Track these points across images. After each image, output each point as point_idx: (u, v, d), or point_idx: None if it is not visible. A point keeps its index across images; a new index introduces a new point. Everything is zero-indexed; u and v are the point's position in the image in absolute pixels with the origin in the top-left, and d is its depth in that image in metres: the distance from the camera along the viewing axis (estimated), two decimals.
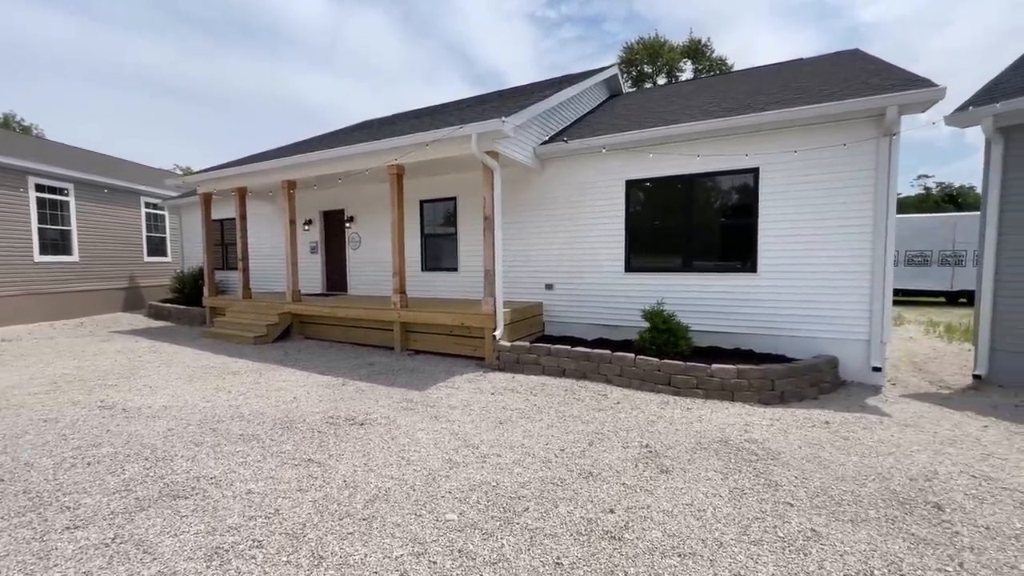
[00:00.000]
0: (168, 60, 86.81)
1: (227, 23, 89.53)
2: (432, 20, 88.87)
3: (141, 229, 14.60)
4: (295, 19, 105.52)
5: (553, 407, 4.94)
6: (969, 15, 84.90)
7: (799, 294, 6.36)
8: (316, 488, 3.13)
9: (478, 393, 5.45)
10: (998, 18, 71.06)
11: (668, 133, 6.81)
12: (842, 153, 5.98)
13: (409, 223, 9.71)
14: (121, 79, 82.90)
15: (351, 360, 7.26)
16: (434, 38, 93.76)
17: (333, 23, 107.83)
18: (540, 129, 7.91)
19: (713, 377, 5.41)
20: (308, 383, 5.90)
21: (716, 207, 7.04)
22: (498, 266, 6.76)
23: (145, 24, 77.92)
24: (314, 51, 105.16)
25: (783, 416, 4.71)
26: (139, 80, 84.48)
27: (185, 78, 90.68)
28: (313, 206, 11.41)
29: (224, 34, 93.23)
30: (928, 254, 17.00)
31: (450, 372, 6.48)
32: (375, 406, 4.94)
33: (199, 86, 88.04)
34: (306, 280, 11.68)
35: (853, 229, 5.98)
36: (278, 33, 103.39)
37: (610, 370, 5.93)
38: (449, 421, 4.49)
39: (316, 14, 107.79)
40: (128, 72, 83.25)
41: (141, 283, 14.45)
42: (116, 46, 77.27)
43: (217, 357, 7.41)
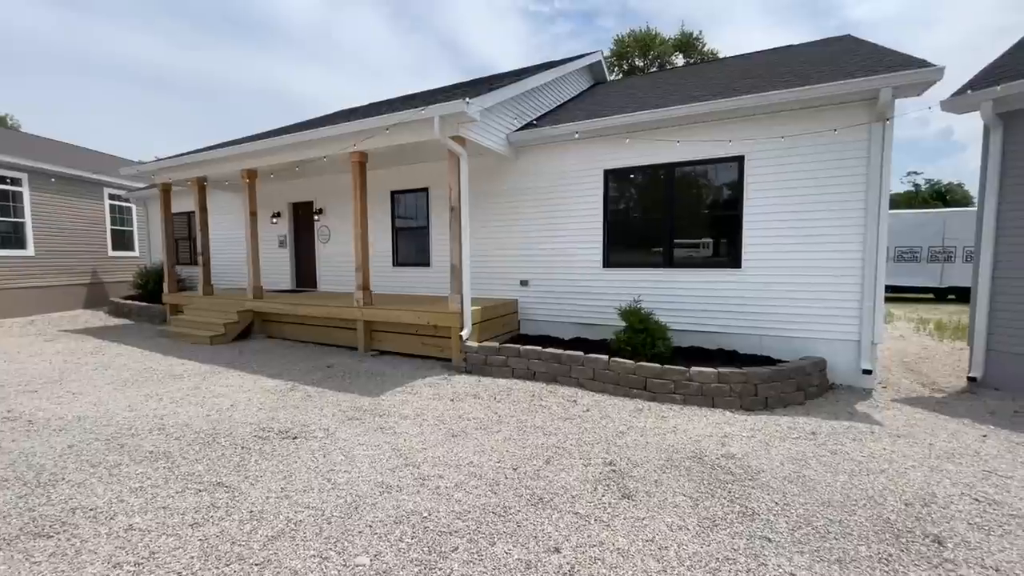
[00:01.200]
0: (156, 53, 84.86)
1: (217, 16, 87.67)
2: (425, 15, 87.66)
3: (105, 222, 13.89)
4: (286, 13, 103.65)
5: (516, 416, 4.49)
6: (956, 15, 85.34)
7: (785, 291, 5.95)
8: (214, 521, 2.64)
9: (436, 400, 4.98)
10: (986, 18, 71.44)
11: (646, 119, 6.35)
12: (832, 140, 5.56)
13: (379, 215, 9.20)
14: (107, 73, 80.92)
15: (309, 361, 6.76)
16: (426, 33, 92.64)
17: (324, 17, 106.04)
18: (514, 115, 7.42)
19: (691, 381, 4.99)
20: (254, 388, 5.40)
21: (699, 198, 6.61)
22: (465, 261, 6.27)
23: (132, 16, 75.99)
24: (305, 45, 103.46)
25: (766, 425, 4.30)
26: (126, 74, 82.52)
27: (173, 72, 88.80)
28: (282, 198, 10.83)
29: (213, 27, 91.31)
30: (917, 250, 16.79)
31: (412, 375, 6.01)
32: (318, 416, 4.45)
33: (188, 80, 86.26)
34: (275, 276, 11.13)
35: (843, 222, 5.57)
36: (269, 27, 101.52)
37: (582, 373, 5.49)
38: (396, 434, 4.02)
39: (307, 7, 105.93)
40: (114, 65, 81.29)
41: (105, 279, 13.77)
42: (102, 38, 75.36)
43: (165, 359, 6.87)
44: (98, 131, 78.90)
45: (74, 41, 72.96)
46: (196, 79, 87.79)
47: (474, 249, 8.12)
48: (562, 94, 9.32)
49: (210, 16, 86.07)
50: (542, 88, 8.19)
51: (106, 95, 75.12)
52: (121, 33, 76.15)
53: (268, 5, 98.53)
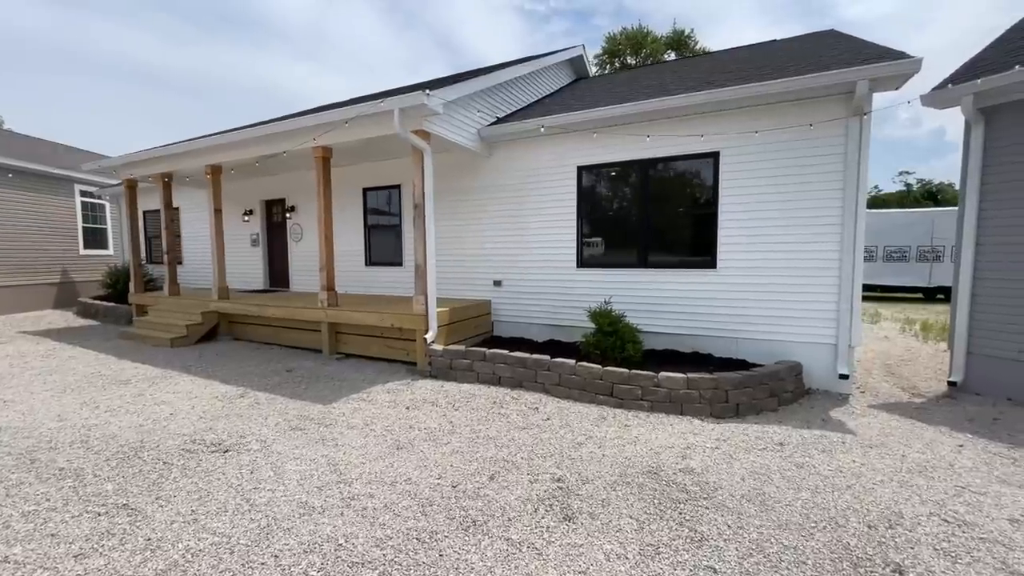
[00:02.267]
0: (152, 51, 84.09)
1: (211, 14, 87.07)
2: (418, 11, 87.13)
3: (76, 219, 13.50)
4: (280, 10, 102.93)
5: (471, 425, 4.24)
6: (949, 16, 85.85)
7: (761, 292, 5.73)
8: (103, 552, 2.38)
9: (391, 407, 4.72)
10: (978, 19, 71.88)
11: (617, 113, 6.11)
12: (808, 135, 5.34)
13: (351, 213, 8.92)
14: (101, 70, 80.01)
15: (270, 365, 6.48)
16: (421, 30, 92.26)
17: (318, 13, 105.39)
18: (488, 110, 7.16)
19: (659, 387, 4.76)
20: (202, 395, 5.12)
21: (674, 196, 6.37)
22: (430, 261, 6.01)
23: (126, 13, 75.25)
24: (299, 42, 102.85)
25: (733, 435, 4.07)
26: (121, 72, 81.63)
27: (169, 70, 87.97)
28: (254, 195, 10.52)
29: (208, 25, 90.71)
30: (907, 250, 16.69)
31: (373, 380, 5.74)
32: (259, 426, 4.18)
33: (183, 78, 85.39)
34: (248, 275, 10.83)
35: (819, 220, 5.36)
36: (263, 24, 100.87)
37: (548, 378, 5.25)
38: (337, 446, 3.76)
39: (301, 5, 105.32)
40: (108, 63, 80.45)
41: (76, 278, 13.39)
42: (94, 35, 74.53)
43: (119, 363, 6.57)
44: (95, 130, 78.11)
45: (67, 38, 72.04)
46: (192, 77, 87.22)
47: (447, 248, 7.88)
48: (540, 89, 9.08)
49: (204, 13, 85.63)
50: (516, 82, 7.93)
51: (101, 93, 74.30)
52: (116, 30, 75.37)
53: (262, 2, 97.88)
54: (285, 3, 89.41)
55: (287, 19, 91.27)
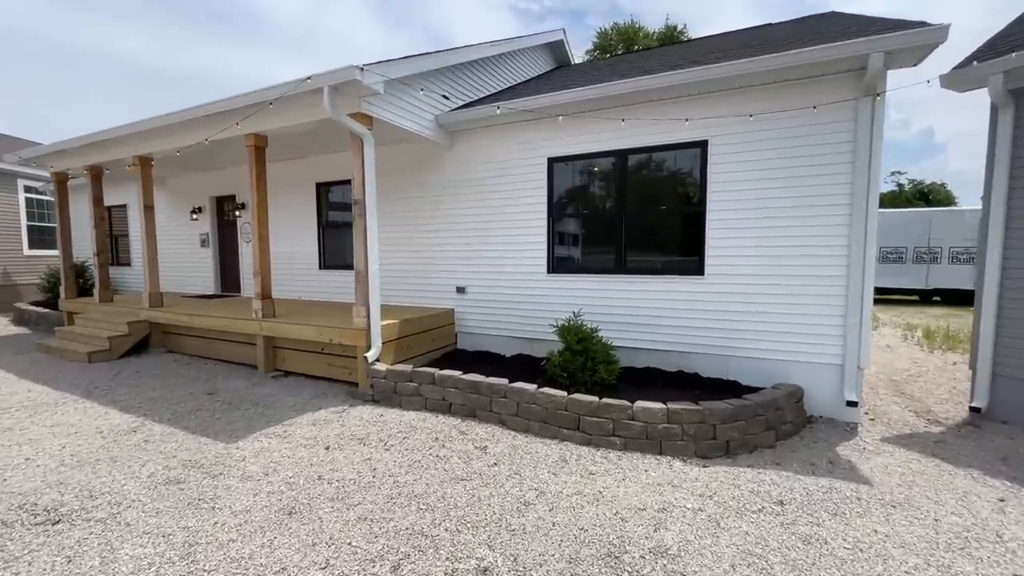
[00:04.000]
0: (145, 47, 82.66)
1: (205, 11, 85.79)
2: (414, 10, 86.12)
3: (19, 217, 12.49)
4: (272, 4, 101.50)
5: (396, 476, 3.40)
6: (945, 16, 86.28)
7: (755, 303, 4.94)
8: None
9: (308, 447, 3.87)
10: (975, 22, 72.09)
11: (589, 96, 5.29)
12: (811, 119, 4.55)
13: (303, 211, 8.05)
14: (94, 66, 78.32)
15: (193, 386, 5.60)
16: (415, 28, 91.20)
17: (311, 11, 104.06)
18: (449, 94, 6.30)
19: (634, 421, 3.94)
20: (86, 429, 4.24)
21: (656, 192, 5.57)
22: (372, 265, 5.16)
23: (120, 10, 73.85)
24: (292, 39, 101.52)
25: (721, 487, 3.26)
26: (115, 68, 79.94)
27: (162, 65, 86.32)
28: (204, 191, 9.60)
29: (201, 22, 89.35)
30: (903, 251, 16.08)
31: (305, 406, 4.89)
32: (126, 478, 3.32)
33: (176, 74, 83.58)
34: (197, 279, 9.93)
35: (824, 219, 4.58)
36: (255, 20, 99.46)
37: (504, 407, 4.42)
38: (213, 510, 2.91)
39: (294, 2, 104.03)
40: (102, 59, 78.82)
41: (18, 280, 12.39)
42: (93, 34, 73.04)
43: (16, 383, 5.66)
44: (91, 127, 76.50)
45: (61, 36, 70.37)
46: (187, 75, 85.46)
47: (405, 251, 7.05)
48: (515, 75, 8.25)
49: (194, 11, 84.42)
50: (484, 65, 7.09)
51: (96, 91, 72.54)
52: (110, 28, 74.06)
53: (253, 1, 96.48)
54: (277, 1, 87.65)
55: (279, 17, 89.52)
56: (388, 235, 7.15)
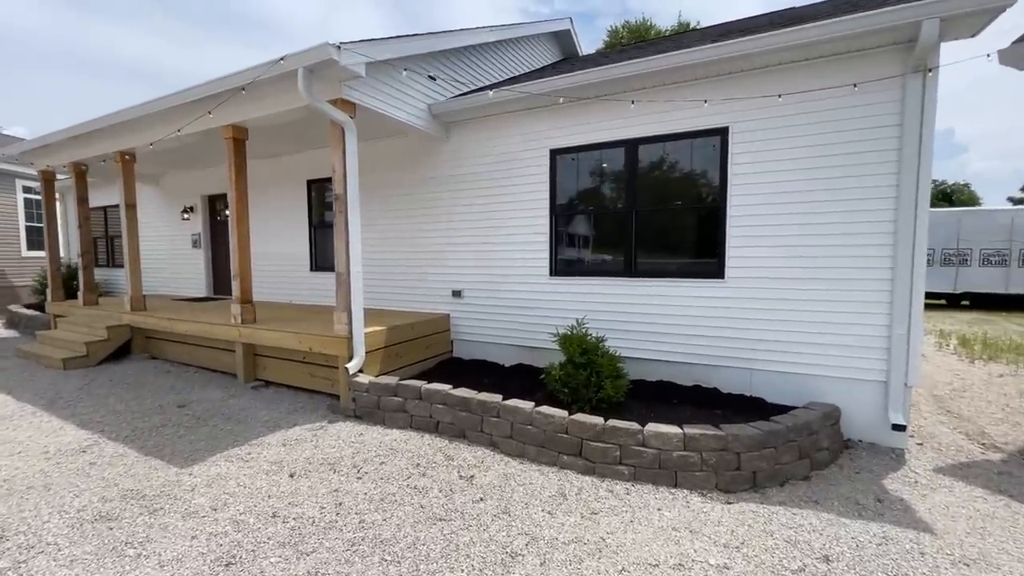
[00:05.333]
0: (157, 52, 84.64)
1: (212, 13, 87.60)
2: (423, 13, 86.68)
3: (17, 217, 12.34)
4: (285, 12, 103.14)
5: (364, 513, 2.90)
6: None
7: (782, 310, 4.36)
8: None
9: (271, 473, 3.39)
10: None
11: (592, 80, 4.77)
12: (851, 100, 3.97)
13: (293, 210, 7.65)
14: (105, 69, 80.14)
15: (165, 396, 5.18)
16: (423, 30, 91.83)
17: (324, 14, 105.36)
18: (445, 82, 5.83)
19: (646, 448, 3.40)
20: (31, 448, 3.81)
21: (670, 186, 5.02)
22: (354, 267, 4.68)
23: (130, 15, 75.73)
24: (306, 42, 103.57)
25: (750, 534, 2.71)
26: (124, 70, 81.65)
27: (172, 68, 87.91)
28: (196, 189, 9.25)
29: (211, 25, 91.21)
30: (930, 253, 15.28)
31: (277, 423, 4.42)
32: (51, 512, 2.86)
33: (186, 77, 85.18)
34: (189, 281, 9.58)
35: (865, 215, 3.99)
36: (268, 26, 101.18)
37: (497, 428, 3.90)
38: (137, 557, 2.43)
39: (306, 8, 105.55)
40: (112, 62, 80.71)
41: (16, 282, 12.21)
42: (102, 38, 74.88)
43: None
44: None
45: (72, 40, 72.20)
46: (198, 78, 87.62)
47: (396, 252, 6.59)
48: (518, 65, 7.76)
49: (206, 14, 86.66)
50: (483, 52, 6.61)
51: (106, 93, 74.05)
52: (120, 32, 76.28)
53: (267, 5, 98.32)
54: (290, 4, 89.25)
55: (294, 22, 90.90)
56: (379, 235, 6.70)
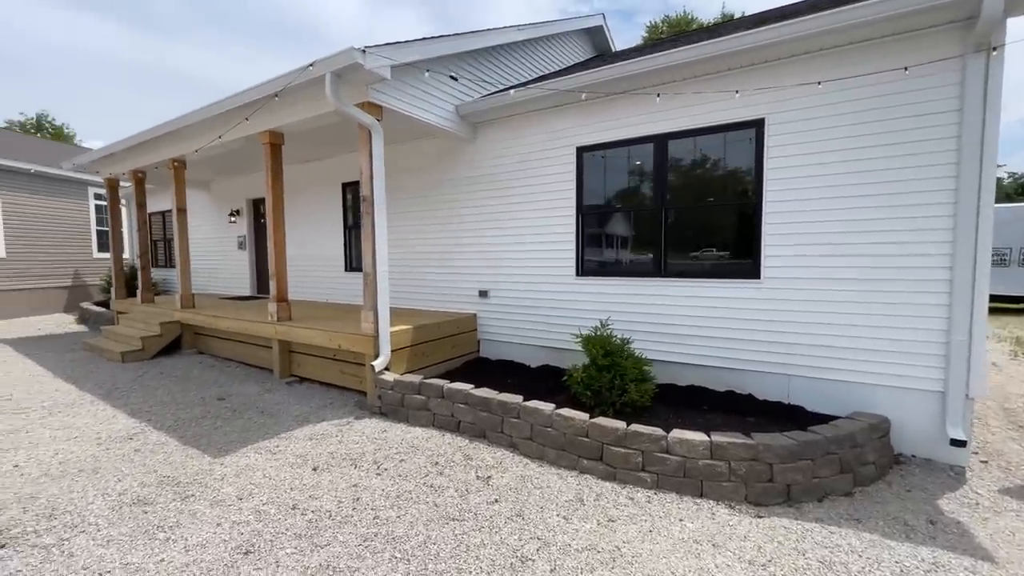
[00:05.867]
0: (210, 64, 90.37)
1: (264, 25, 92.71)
2: (461, 16, 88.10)
3: (89, 222, 13.43)
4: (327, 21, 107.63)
5: (379, 510, 2.93)
6: None
7: (824, 312, 4.07)
8: None
9: (296, 466, 3.50)
10: None
11: (615, 75, 4.64)
12: (902, 86, 3.66)
13: (329, 212, 7.91)
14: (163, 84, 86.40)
15: (207, 390, 5.47)
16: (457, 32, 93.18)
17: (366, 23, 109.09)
18: (473, 83, 5.86)
19: (670, 455, 3.25)
20: (87, 434, 4.12)
21: (701, 183, 4.81)
22: (381, 267, 4.77)
23: (186, 30, 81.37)
24: None
25: (780, 553, 2.52)
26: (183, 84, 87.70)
27: (227, 81, 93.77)
28: (242, 194, 9.76)
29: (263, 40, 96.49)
30: (1006, 253, 13.99)
31: (307, 417, 4.57)
32: (95, 495, 3.07)
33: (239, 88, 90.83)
34: (236, 280, 10.12)
35: (919, 209, 3.66)
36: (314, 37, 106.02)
37: (517, 429, 3.85)
38: (166, 543, 2.56)
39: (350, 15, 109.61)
40: (169, 76, 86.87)
41: (88, 281, 13.28)
42: (159, 52, 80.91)
43: (50, 382, 5.78)
44: None
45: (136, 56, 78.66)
46: None
47: (424, 252, 6.67)
48: (549, 63, 7.70)
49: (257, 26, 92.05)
50: (513, 51, 6.59)
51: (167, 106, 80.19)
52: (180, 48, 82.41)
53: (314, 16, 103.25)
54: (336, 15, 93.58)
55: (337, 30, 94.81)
56: (407, 235, 6.81)
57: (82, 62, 74.17)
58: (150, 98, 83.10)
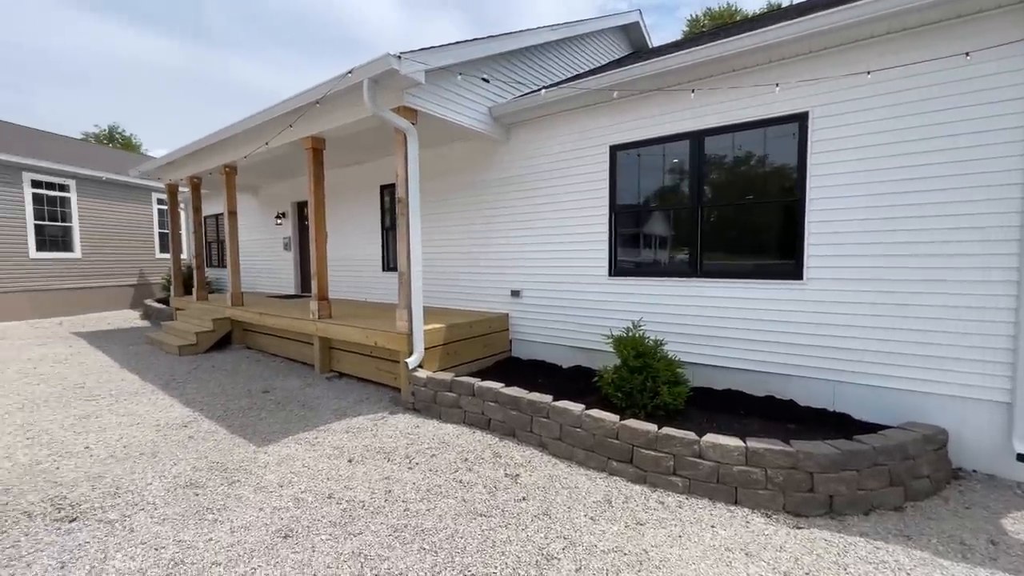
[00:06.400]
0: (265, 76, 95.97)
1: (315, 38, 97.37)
2: (500, 19, 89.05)
3: (152, 225, 14.47)
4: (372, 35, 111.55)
5: (409, 502, 3.01)
6: None
7: (874, 316, 3.85)
8: None
9: (333, 458, 3.65)
10: None
11: (646, 72, 4.55)
12: (960, 74, 3.41)
13: (368, 214, 8.17)
14: (225, 96, 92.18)
15: (253, 383, 5.78)
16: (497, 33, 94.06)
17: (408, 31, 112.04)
18: (507, 85, 5.91)
19: (702, 460, 3.17)
20: (147, 421, 4.45)
21: (739, 180, 4.65)
22: (415, 267, 4.90)
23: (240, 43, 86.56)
24: None
25: (819, 567, 2.41)
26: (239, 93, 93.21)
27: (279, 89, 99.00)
28: (287, 197, 10.25)
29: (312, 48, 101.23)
30: None
31: (344, 411, 4.75)
32: (153, 477, 3.31)
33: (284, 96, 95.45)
34: (282, 280, 10.63)
35: (979, 205, 3.40)
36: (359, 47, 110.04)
37: (546, 429, 3.86)
38: (214, 523, 2.74)
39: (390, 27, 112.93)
40: (232, 89, 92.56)
41: (151, 280, 14.31)
42: (221, 66, 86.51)
43: (116, 373, 6.28)
44: None
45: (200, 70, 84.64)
46: None
47: (459, 252, 6.78)
48: (584, 61, 7.67)
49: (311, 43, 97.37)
50: (546, 51, 6.60)
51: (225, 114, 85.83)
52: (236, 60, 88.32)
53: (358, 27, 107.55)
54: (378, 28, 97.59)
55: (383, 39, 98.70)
56: (442, 236, 6.95)
57: (145, 75, 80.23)
58: (211, 107, 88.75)
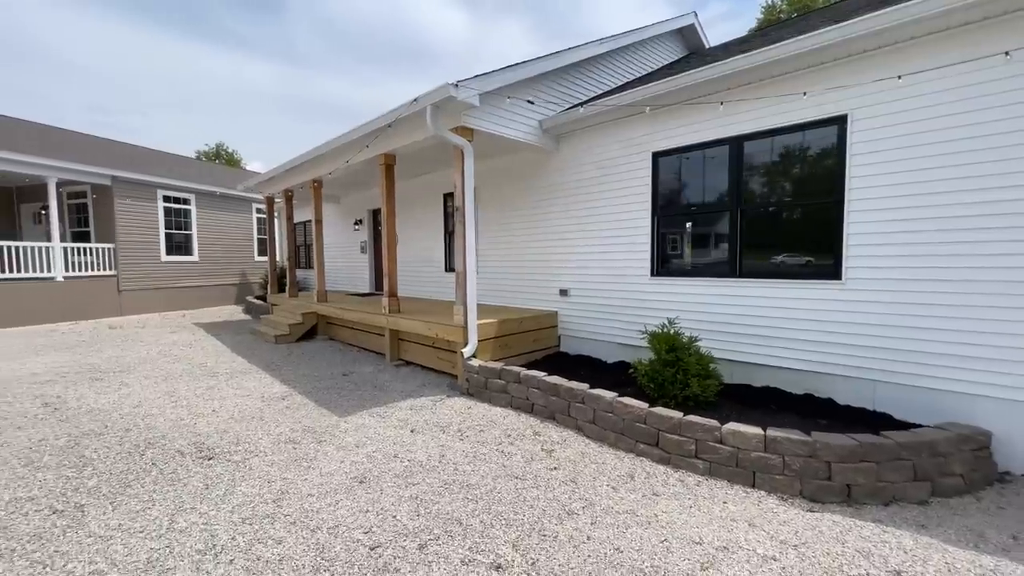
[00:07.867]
0: (344, 90, 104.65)
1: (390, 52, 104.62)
2: (567, 21, 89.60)
3: (252, 232, 16.57)
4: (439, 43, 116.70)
5: (458, 463, 3.59)
6: None
7: (915, 316, 3.85)
8: (16, 555, 2.41)
9: (397, 428, 4.33)
10: None
11: (680, 85, 4.79)
12: (999, 72, 3.38)
13: (432, 219, 9.01)
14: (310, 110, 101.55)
15: (335, 368, 6.74)
16: (568, 38, 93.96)
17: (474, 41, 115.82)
18: (556, 98, 6.38)
19: (722, 445, 3.44)
20: (254, 393, 5.46)
21: (778, 183, 4.75)
22: (470, 267, 5.51)
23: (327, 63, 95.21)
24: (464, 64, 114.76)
25: (817, 539, 2.64)
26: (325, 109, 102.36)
27: (359, 103, 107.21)
28: (364, 205, 11.43)
29: (387, 62, 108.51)
30: None
31: (408, 393, 5.47)
32: (263, 434, 4.18)
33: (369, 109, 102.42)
34: (358, 280, 11.84)
35: (1021, 204, 3.34)
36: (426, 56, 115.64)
37: (581, 413, 4.28)
38: (307, 468, 3.48)
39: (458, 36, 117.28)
40: (316, 103, 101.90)
41: (251, 279, 16.41)
42: (306, 83, 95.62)
43: (228, 356, 7.56)
44: None
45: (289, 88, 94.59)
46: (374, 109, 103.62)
47: (512, 254, 7.35)
48: (637, 68, 7.93)
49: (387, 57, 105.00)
50: (597, 64, 6.98)
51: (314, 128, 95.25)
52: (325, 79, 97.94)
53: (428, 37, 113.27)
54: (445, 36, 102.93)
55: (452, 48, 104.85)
56: (496, 239, 7.55)
57: (242, 96, 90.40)
58: (296, 122, 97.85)
